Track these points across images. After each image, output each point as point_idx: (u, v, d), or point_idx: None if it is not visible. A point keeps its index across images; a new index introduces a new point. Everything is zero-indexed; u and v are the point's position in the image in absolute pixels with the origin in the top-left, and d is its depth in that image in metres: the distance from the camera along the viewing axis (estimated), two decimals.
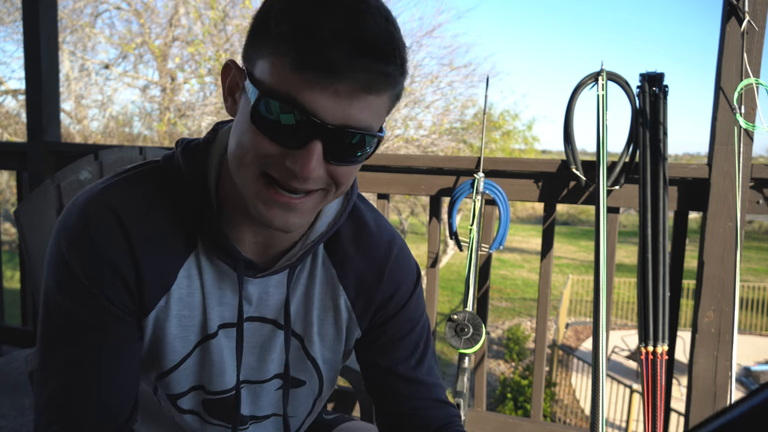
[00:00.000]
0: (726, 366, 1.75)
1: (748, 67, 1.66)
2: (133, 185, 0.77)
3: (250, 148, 0.67)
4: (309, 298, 0.86)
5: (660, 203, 1.74)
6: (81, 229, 0.74)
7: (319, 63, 0.62)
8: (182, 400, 0.87)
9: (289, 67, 0.63)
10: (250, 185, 0.69)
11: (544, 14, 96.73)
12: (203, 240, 0.78)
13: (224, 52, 10.69)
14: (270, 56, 0.65)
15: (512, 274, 17.07)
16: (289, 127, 0.65)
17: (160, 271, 0.77)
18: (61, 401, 0.76)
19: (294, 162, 0.66)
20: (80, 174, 1.46)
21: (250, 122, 0.67)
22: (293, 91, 0.63)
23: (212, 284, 0.81)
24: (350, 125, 0.66)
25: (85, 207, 0.75)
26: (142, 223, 0.75)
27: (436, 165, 2.07)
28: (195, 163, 0.78)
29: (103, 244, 0.73)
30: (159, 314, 0.79)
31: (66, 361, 0.76)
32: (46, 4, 2.52)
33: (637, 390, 6.98)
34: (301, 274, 0.85)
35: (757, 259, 19.30)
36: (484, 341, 1.77)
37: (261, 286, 0.83)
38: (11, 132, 11.95)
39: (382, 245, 0.87)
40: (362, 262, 0.86)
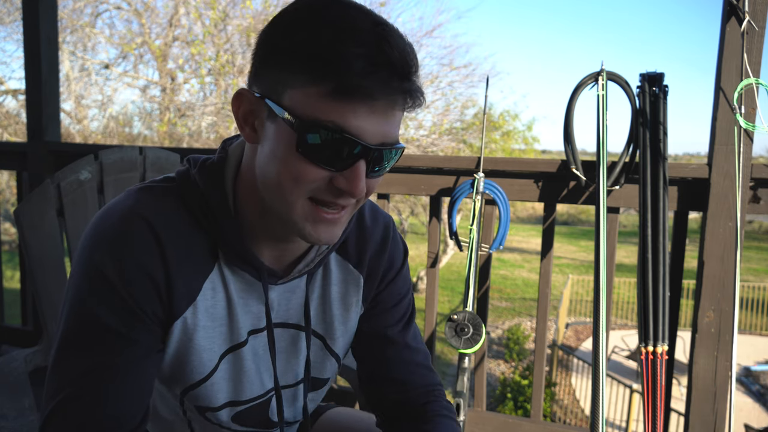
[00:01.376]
0: (726, 366, 1.75)
1: (748, 67, 1.66)
2: (159, 199, 0.80)
3: (297, 176, 0.71)
4: (326, 299, 0.91)
5: (660, 203, 1.74)
6: (116, 237, 0.75)
7: (359, 90, 0.67)
8: (213, 414, 0.89)
9: (330, 97, 0.67)
10: (297, 210, 0.74)
11: (544, 14, 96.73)
12: (225, 252, 0.81)
13: (224, 52, 10.69)
14: (305, 86, 0.68)
15: (512, 274, 17.07)
16: (338, 152, 0.69)
17: (187, 281, 0.79)
18: (74, 408, 0.76)
19: (343, 183, 0.71)
20: (80, 174, 1.46)
21: (295, 152, 0.70)
22: (338, 119, 0.68)
23: (237, 294, 0.83)
24: (387, 142, 0.72)
25: (119, 217, 0.77)
26: (172, 234, 0.77)
27: (436, 165, 2.07)
28: (214, 181, 0.80)
29: (139, 251, 0.75)
30: (185, 325, 0.81)
31: (87, 368, 0.76)
32: (46, 4, 2.53)
33: (637, 390, 6.98)
34: (316, 277, 0.90)
35: (757, 259, 19.30)
36: (484, 341, 1.77)
37: (281, 292, 0.87)
38: (11, 132, 11.95)
39: (381, 225, 0.95)
40: (372, 248, 0.93)
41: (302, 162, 0.70)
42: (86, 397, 0.76)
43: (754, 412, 8.38)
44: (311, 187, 0.72)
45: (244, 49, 10.93)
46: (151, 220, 0.76)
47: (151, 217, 0.76)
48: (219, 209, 0.79)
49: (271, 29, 0.73)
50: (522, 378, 8.69)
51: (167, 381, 0.86)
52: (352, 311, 0.94)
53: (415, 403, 0.97)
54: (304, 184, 0.71)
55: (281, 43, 0.70)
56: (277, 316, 0.87)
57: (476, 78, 11.48)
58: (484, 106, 2.00)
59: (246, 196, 0.80)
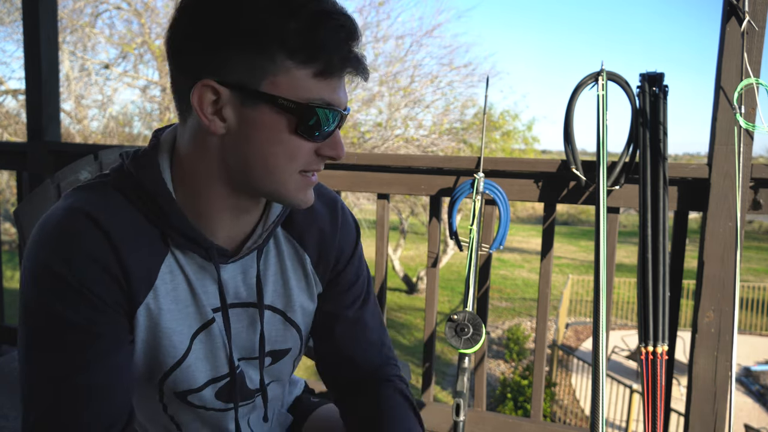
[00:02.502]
0: (726, 366, 1.75)
1: (748, 67, 1.66)
2: (97, 194, 0.80)
3: (293, 154, 0.76)
4: (284, 273, 0.93)
5: (660, 203, 1.74)
6: (61, 236, 0.75)
7: (340, 67, 0.74)
8: (197, 395, 0.90)
9: (318, 77, 0.73)
10: (291, 184, 0.79)
11: (544, 14, 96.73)
12: (173, 237, 0.81)
13: None
14: (290, 70, 0.72)
15: (512, 274, 17.07)
16: (327, 125, 0.77)
17: (143, 267, 0.79)
18: (54, 418, 0.76)
19: (329, 150, 0.79)
20: (80, 174, 1.46)
21: (292, 134, 0.75)
22: (326, 96, 0.75)
23: (195, 275, 0.84)
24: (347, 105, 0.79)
25: (60, 218, 0.76)
26: (118, 225, 0.77)
27: (436, 165, 2.07)
28: (149, 168, 0.81)
29: (87, 243, 0.75)
30: (149, 310, 0.81)
31: (58, 372, 0.75)
32: (46, 4, 2.53)
33: (637, 390, 6.98)
34: (270, 255, 0.91)
35: (757, 259, 19.30)
36: (484, 341, 1.77)
37: (234, 271, 0.88)
38: (11, 132, 11.95)
39: (329, 204, 0.97)
40: (317, 225, 0.94)
41: (299, 140, 0.76)
42: (64, 404, 0.75)
43: (754, 412, 8.38)
44: (304, 161, 0.77)
45: None
46: (93, 213, 0.76)
47: (93, 211, 0.76)
48: (159, 194, 0.79)
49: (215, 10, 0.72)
50: (522, 378, 8.70)
51: (144, 375, 0.86)
52: (309, 285, 0.95)
53: (367, 380, 1.00)
54: (299, 159, 0.77)
55: (246, 27, 0.71)
56: (232, 295, 0.88)
57: (476, 78, 11.48)
58: (484, 106, 2.00)
59: (188, 180, 0.81)
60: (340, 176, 2.17)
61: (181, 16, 0.75)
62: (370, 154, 2.20)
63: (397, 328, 11.75)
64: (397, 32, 11.23)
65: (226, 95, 0.73)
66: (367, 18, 10.80)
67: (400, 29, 12.90)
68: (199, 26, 0.73)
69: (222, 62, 0.72)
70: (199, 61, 0.74)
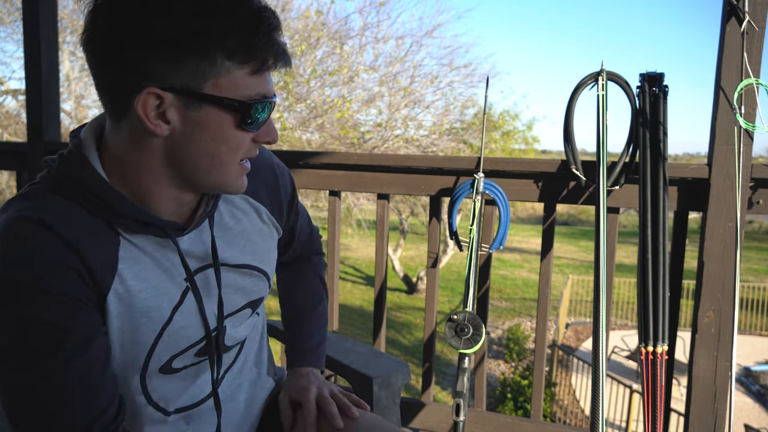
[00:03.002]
0: (726, 366, 1.75)
1: (748, 67, 1.66)
2: (36, 200, 0.80)
3: (236, 147, 0.81)
4: (245, 232, 0.99)
5: (660, 203, 1.74)
6: (9, 245, 0.75)
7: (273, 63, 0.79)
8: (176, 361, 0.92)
9: (254, 74, 0.78)
10: (229, 174, 0.83)
11: (544, 14, 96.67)
12: (123, 223, 0.82)
13: None
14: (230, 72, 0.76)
15: (512, 274, 17.07)
16: (264, 116, 0.82)
17: (101, 256, 0.80)
18: (42, 419, 0.76)
19: (265, 135, 0.84)
20: None
21: (236, 129, 0.80)
22: (261, 90, 0.80)
23: (158, 252, 0.86)
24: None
25: (4, 231, 0.76)
26: (65, 223, 0.78)
27: (436, 165, 2.07)
28: (83, 165, 0.81)
29: (40, 245, 0.75)
30: (119, 296, 0.82)
31: (38, 373, 0.76)
32: (46, 4, 2.52)
33: (637, 390, 6.98)
34: (225, 217, 0.96)
35: (757, 259, 19.31)
36: (484, 341, 1.77)
37: (192, 241, 0.91)
38: (11, 132, 11.94)
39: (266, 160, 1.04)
40: (262, 179, 1.02)
41: (242, 134, 0.81)
42: (49, 403, 0.76)
43: (754, 412, 8.38)
44: (244, 150, 0.83)
45: None
46: (37, 217, 0.76)
47: (36, 214, 0.76)
48: (98, 186, 0.80)
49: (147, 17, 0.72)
50: (522, 378, 8.70)
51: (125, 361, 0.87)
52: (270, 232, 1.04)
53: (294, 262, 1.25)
54: (240, 150, 0.82)
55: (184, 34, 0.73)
56: (197, 261, 0.91)
57: (476, 78, 11.47)
58: (484, 106, 2.00)
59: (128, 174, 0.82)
60: (340, 176, 2.17)
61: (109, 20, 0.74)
62: (370, 154, 2.20)
63: (397, 328, 11.76)
64: (398, 32, 11.21)
65: (170, 99, 0.75)
66: (368, 18, 10.80)
67: (400, 29, 12.89)
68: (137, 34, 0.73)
69: (165, 69, 0.74)
70: (140, 69, 0.74)
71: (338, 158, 2.28)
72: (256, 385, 1.12)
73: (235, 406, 1.06)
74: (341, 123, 10.18)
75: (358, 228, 12.70)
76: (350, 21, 11.52)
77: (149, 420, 0.95)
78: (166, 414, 0.96)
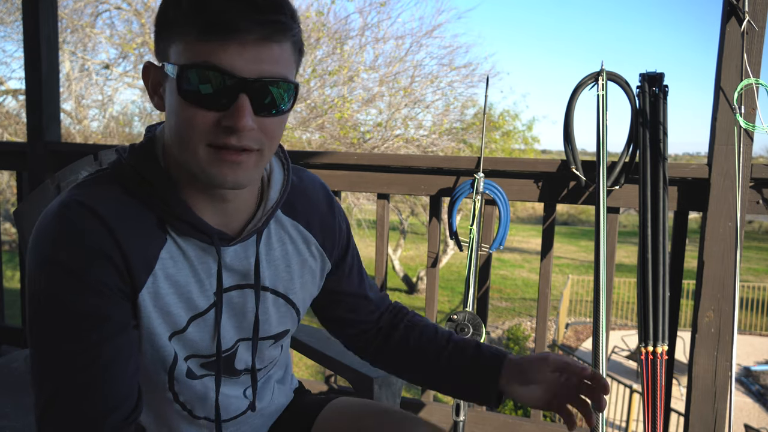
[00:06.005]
0: (726, 366, 1.75)
1: (748, 67, 1.66)
2: (95, 187, 0.82)
3: (187, 124, 0.75)
4: (286, 257, 0.95)
5: (660, 203, 1.74)
6: (59, 227, 0.77)
7: (220, 25, 0.71)
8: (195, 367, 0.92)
9: (198, 39, 0.72)
10: (198, 158, 0.77)
11: (544, 14, 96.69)
12: (174, 223, 0.83)
13: None
14: (179, 38, 0.74)
15: (512, 274, 17.07)
16: (215, 89, 0.73)
17: (142, 253, 0.81)
18: (64, 402, 0.77)
19: (229, 119, 0.74)
20: (80, 174, 1.46)
21: (180, 100, 0.75)
22: (207, 57, 0.72)
23: (198, 259, 0.86)
24: (265, 75, 0.74)
25: (58, 211, 0.79)
26: (114, 213, 0.79)
27: (436, 165, 2.07)
28: (146, 158, 0.84)
29: (85, 232, 0.77)
30: (150, 295, 0.83)
31: (66, 358, 0.77)
32: (46, 4, 2.52)
33: (637, 390, 6.97)
34: (273, 239, 0.93)
35: (757, 259, 19.30)
36: (484, 341, 1.77)
37: (236, 254, 0.89)
38: (11, 132, 11.94)
39: (318, 189, 1.01)
40: (316, 208, 0.99)
41: (189, 107, 0.74)
42: (73, 388, 0.77)
43: (754, 412, 8.38)
44: (204, 131, 0.75)
45: None
46: (90, 204, 0.78)
47: (88, 201, 0.78)
48: (157, 182, 0.82)
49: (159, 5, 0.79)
50: None
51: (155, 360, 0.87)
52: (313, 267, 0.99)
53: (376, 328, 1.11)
54: (197, 129, 0.75)
55: (163, 9, 0.77)
56: (234, 277, 0.90)
57: (476, 78, 11.46)
58: (484, 106, 2.00)
59: (175, 166, 0.83)
60: (340, 176, 2.17)
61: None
62: (370, 154, 2.20)
63: None
64: (398, 33, 11.21)
65: (159, 74, 0.79)
66: (368, 18, 10.80)
67: (400, 29, 12.87)
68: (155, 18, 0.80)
69: (156, 44, 0.79)
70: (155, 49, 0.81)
71: (338, 158, 2.28)
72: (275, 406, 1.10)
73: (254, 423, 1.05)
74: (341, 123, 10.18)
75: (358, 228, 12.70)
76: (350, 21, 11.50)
77: (181, 418, 0.96)
78: (195, 417, 0.96)
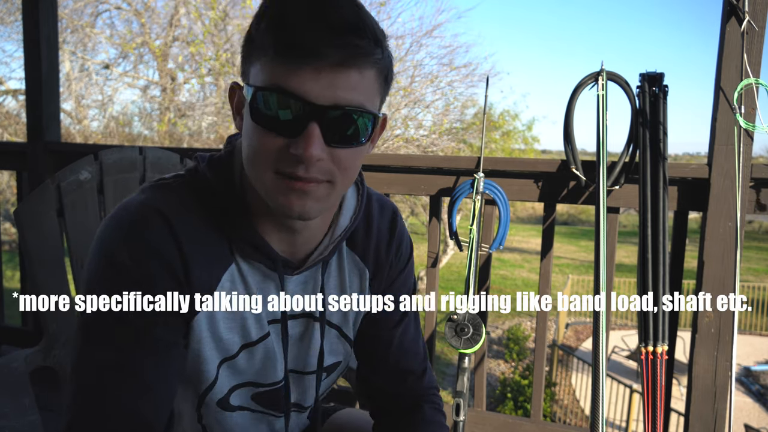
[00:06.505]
0: (726, 366, 1.75)
1: (748, 67, 1.66)
2: (172, 194, 0.79)
3: (258, 147, 0.72)
4: (343, 287, 0.92)
5: (660, 203, 1.74)
6: (131, 229, 0.75)
7: (295, 47, 0.67)
8: (234, 396, 0.89)
9: (272, 61, 0.68)
10: (266, 183, 0.73)
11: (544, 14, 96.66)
12: (240, 245, 0.80)
13: (224, 51, 10.69)
14: (257, 59, 0.71)
15: (512, 274, 17.06)
16: (285, 114, 0.69)
17: (205, 272, 0.78)
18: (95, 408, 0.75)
19: (296, 147, 0.69)
20: (80, 174, 1.46)
21: (251, 122, 0.72)
22: (280, 80, 0.68)
23: (256, 286, 0.83)
24: (340, 103, 0.69)
25: (132, 209, 0.76)
26: (186, 227, 0.77)
27: (436, 165, 2.07)
28: (222, 174, 0.81)
29: (154, 238, 0.75)
30: (206, 318, 0.80)
31: (106, 363, 0.75)
32: (46, 4, 2.52)
33: (637, 390, 6.97)
34: (332, 268, 0.90)
35: (757, 259, 19.29)
36: (484, 341, 1.77)
37: (298, 283, 0.86)
38: (11, 132, 11.94)
39: (385, 216, 0.95)
40: (377, 239, 0.93)
41: (260, 131, 0.71)
42: (107, 396, 0.74)
43: (754, 412, 8.38)
44: (272, 158, 0.71)
45: None
46: (164, 211, 0.76)
47: (165, 209, 0.76)
48: (228, 201, 0.79)
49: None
50: (522, 378, 8.69)
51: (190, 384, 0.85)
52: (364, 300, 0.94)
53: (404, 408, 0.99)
54: (265, 155, 0.71)
55: (249, 29, 0.74)
56: (294, 307, 0.87)
57: (476, 78, 11.45)
58: (484, 106, 2.00)
59: (249, 186, 0.79)
60: None
61: None
62: (370, 154, 2.20)
63: None
64: (398, 32, 11.19)
65: (241, 95, 0.77)
66: None
67: (400, 29, 12.85)
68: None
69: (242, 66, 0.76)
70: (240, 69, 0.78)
71: None
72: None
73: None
74: None
75: None
76: None
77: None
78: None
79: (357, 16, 0.69)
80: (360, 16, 0.69)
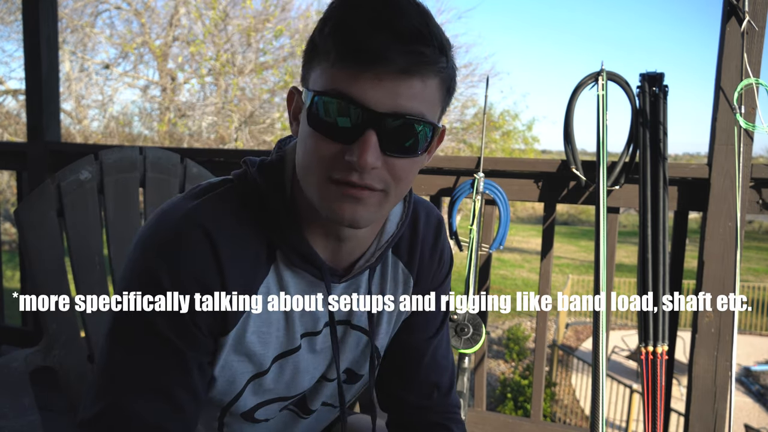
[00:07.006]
0: (726, 366, 1.75)
1: (748, 67, 1.66)
2: (218, 202, 0.78)
3: (313, 152, 0.70)
4: (382, 294, 0.90)
5: (660, 203, 1.74)
6: (171, 240, 0.74)
7: (357, 53, 0.65)
8: (260, 411, 0.88)
9: (333, 66, 0.67)
10: (318, 189, 0.72)
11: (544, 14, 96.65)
12: (285, 252, 0.79)
13: (225, 52, 10.69)
14: (319, 63, 0.69)
15: (512, 274, 17.06)
16: (344, 120, 0.68)
17: (243, 288, 0.77)
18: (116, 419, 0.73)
19: (351, 154, 0.68)
20: (80, 174, 1.46)
21: (308, 127, 0.70)
22: (339, 86, 0.67)
23: (299, 294, 0.81)
24: (400, 111, 0.67)
25: (175, 221, 0.75)
26: (228, 238, 0.75)
27: (436, 165, 2.07)
28: (272, 179, 0.79)
29: (193, 256, 0.73)
30: (237, 335, 0.79)
31: (132, 374, 0.74)
32: (46, 4, 2.52)
33: (637, 390, 6.97)
34: (377, 275, 0.89)
35: (757, 259, 19.29)
36: (484, 341, 1.77)
37: (342, 291, 0.85)
38: (11, 132, 11.95)
39: (431, 223, 0.93)
40: (422, 247, 0.91)
41: (316, 136, 0.69)
42: (129, 409, 0.73)
43: (754, 412, 8.38)
44: (326, 163, 0.70)
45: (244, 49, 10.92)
46: (207, 226, 0.74)
47: (208, 223, 0.74)
48: (277, 207, 0.78)
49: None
50: (522, 378, 8.69)
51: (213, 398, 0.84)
52: (401, 310, 0.92)
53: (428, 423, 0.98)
54: (320, 160, 0.70)
55: (312, 34, 0.72)
56: (338, 315, 0.86)
57: (476, 78, 11.48)
58: (484, 106, 2.00)
59: (299, 192, 0.78)
60: None
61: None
62: None
63: None
64: None
65: (299, 99, 0.76)
66: None
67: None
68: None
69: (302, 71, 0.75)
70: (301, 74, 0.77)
71: None
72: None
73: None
74: None
75: None
76: None
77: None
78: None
79: (423, 23, 0.67)
80: (426, 23, 0.68)
